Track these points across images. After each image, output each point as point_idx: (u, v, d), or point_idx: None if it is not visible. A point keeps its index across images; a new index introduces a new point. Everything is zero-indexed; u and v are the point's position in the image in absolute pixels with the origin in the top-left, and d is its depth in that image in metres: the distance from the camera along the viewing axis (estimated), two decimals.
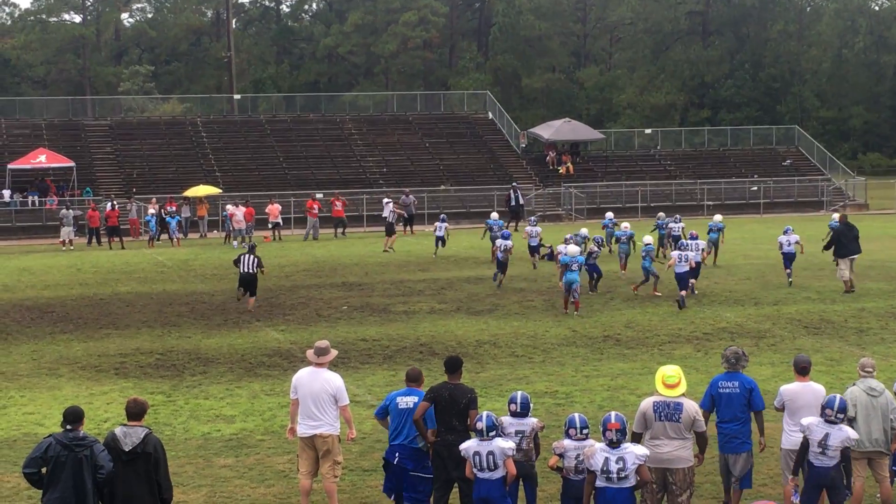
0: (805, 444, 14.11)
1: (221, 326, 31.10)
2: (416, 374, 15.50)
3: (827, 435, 13.92)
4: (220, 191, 66.57)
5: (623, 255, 41.81)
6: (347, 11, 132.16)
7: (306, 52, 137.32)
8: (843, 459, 14.01)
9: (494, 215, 50.86)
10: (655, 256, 37.42)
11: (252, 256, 33.72)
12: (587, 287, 35.80)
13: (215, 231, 63.27)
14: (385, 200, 62.66)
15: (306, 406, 15.50)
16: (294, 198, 67.63)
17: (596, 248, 37.77)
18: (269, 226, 60.26)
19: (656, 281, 35.57)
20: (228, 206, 59.57)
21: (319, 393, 15.46)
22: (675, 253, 34.10)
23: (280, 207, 61.58)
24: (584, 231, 42.49)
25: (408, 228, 62.66)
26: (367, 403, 21.61)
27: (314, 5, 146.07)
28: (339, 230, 61.91)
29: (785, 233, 38.19)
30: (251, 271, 33.56)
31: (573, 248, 32.91)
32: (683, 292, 33.23)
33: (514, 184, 69.35)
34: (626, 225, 43.68)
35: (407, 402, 15.00)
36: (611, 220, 48.51)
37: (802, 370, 14.93)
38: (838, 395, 14.27)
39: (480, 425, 13.60)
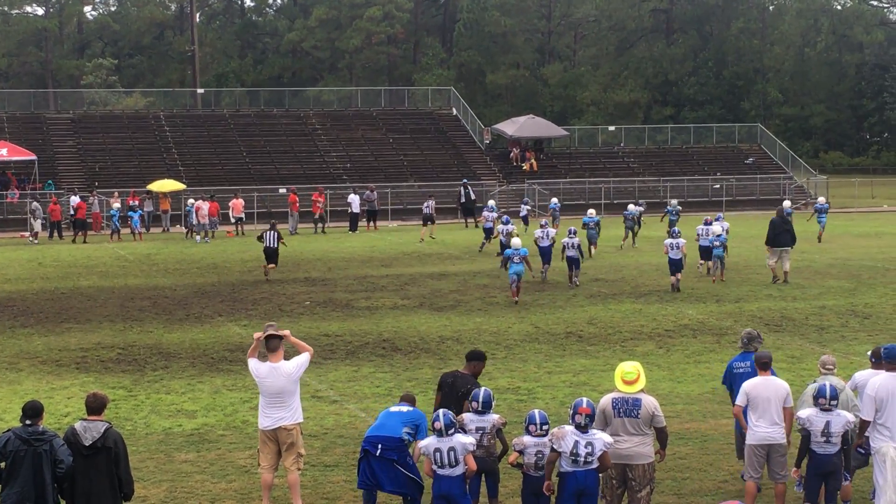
0: (806, 436, 14.34)
1: (183, 321, 31.01)
2: (411, 396, 15.44)
3: (828, 423, 14.22)
4: (185, 186, 66.21)
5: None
6: (311, 6, 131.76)
7: (270, 46, 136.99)
8: (844, 443, 14.34)
9: (491, 203, 54.40)
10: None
11: (274, 232, 40.45)
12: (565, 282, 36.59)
13: (178, 226, 63.02)
14: (351, 196, 62.58)
15: (269, 400, 15.45)
16: (257, 193, 67.50)
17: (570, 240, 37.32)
18: (233, 220, 60.11)
19: (723, 269, 38.03)
20: (190, 200, 59.38)
21: (283, 387, 15.43)
22: (668, 241, 36.08)
23: (243, 202, 61.44)
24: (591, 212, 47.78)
25: (371, 224, 62.64)
26: (329, 399, 21.60)
27: (278, 0, 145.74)
28: (320, 226, 61.59)
29: (704, 223, 39.22)
30: (273, 245, 40.13)
31: (516, 241, 34.62)
32: (676, 277, 35.43)
33: (464, 180, 69.28)
34: (591, 211, 48.23)
35: (399, 408, 14.94)
36: (556, 205, 54.94)
37: (764, 365, 15.05)
38: (827, 383, 14.51)
39: (439, 424, 13.61)
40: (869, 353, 15.83)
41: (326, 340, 27.61)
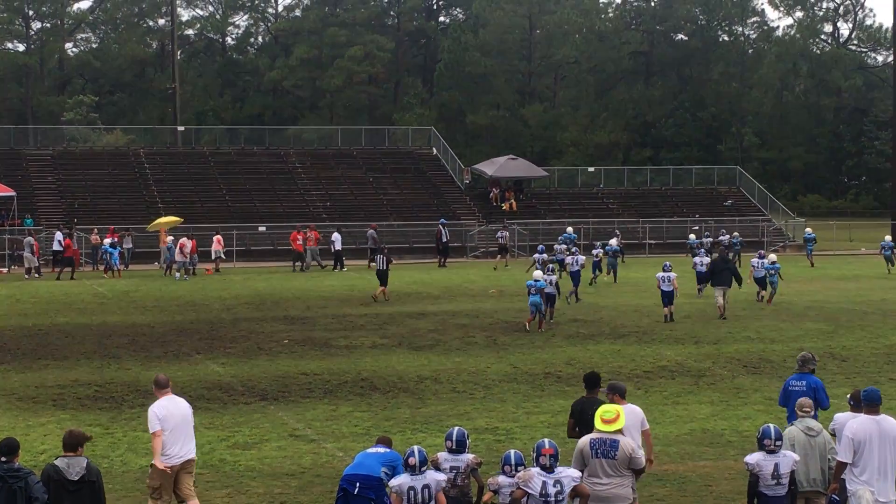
0: (754, 480, 14.42)
1: (161, 359, 30.91)
2: (387, 439, 15.49)
3: (777, 465, 14.29)
4: (182, 219, 65.61)
5: (610, 267, 52.43)
6: (293, 45, 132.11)
7: (251, 84, 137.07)
8: (791, 483, 14.38)
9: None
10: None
11: (383, 256, 44.61)
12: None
13: (155, 263, 62.89)
14: (334, 235, 62.29)
15: (179, 434, 15.88)
16: (237, 230, 67.41)
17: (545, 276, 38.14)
18: (213, 257, 59.99)
19: (773, 293, 42.79)
20: (170, 237, 59.21)
21: (186, 416, 16.04)
22: (659, 275, 38.71)
23: (222, 239, 61.25)
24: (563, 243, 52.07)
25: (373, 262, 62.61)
26: (307, 438, 21.55)
27: (259, 38, 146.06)
28: (298, 264, 61.44)
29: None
30: (383, 268, 44.18)
31: (537, 273, 36.92)
32: (669, 309, 37.97)
33: (441, 220, 69.25)
34: (613, 241, 55.33)
35: (376, 449, 14.93)
36: (570, 236, 59.96)
37: (624, 393, 15.70)
38: (770, 424, 14.67)
39: (413, 460, 13.59)
40: (848, 396, 15.92)
41: (305, 379, 27.56)
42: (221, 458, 20.06)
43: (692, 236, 63.73)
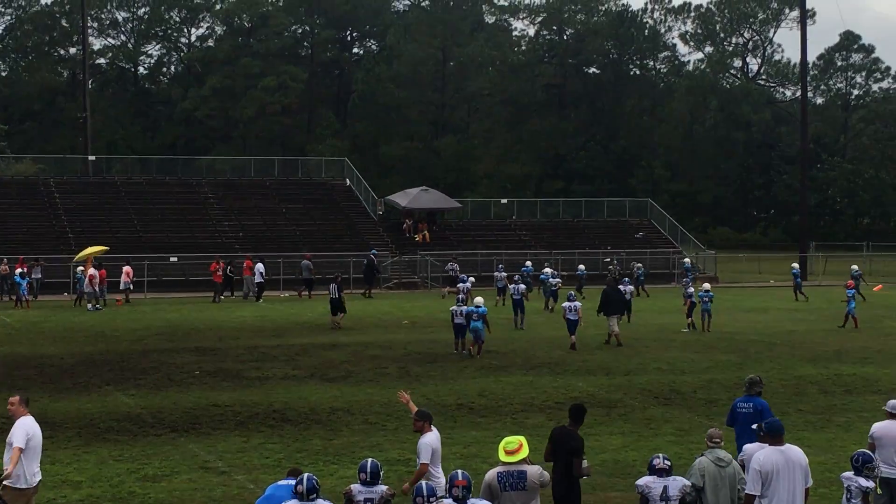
0: (644, 502, 14.54)
1: (70, 390, 30.54)
2: (298, 471, 15.42)
3: (665, 487, 14.42)
4: (108, 248, 64.78)
5: (548, 295, 54.60)
6: (206, 75, 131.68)
7: (163, 114, 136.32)
8: None
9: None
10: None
11: (336, 285, 45.76)
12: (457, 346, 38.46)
13: (65, 293, 62.17)
14: (258, 265, 61.91)
15: (37, 454, 16.03)
16: (148, 261, 66.82)
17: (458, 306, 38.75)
18: (121, 287, 59.40)
19: (710, 321, 44.84)
20: (80, 268, 58.66)
21: (41, 438, 16.24)
22: (565, 304, 40.00)
23: (132, 270, 60.65)
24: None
25: (305, 292, 62.55)
26: (217, 470, 21.39)
27: (172, 68, 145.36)
28: (223, 295, 61.22)
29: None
30: (336, 296, 45.36)
31: (478, 300, 37.61)
32: (573, 337, 38.92)
33: (373, 251, 69.38)
34: (548, 270, 58.04)
35: (288, 481, 14.85)
36: (527, 269, 61.60)
37: (431, 420, 16.57)
38: (661, 454, 14.95)
39: (301, 488, 13.54)
40: (754, 426, 16.08)
41: (216, 411, 27.36)
42: (131, 491, 19.85)
43: (581, 266, 65.70)
